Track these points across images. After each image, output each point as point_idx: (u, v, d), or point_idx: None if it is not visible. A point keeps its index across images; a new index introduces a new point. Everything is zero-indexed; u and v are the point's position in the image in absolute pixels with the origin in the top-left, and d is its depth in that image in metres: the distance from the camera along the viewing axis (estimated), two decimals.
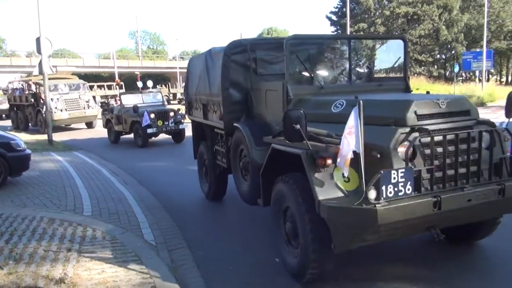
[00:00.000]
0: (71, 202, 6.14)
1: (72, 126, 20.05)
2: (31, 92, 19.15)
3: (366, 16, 47.29)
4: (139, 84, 17.42)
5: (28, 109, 19.34)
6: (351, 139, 2.84)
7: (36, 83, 18.51)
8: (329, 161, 3.12)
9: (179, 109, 14.07)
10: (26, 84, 20.10)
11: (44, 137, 14.57)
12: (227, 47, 4.95)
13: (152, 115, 12.52)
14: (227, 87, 4.91)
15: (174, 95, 42.80)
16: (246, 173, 4.75)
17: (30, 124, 19.61)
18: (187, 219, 5.55)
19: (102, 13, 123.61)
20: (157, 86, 38.03)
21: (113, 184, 7.46)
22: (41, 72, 13.02)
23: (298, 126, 3.09)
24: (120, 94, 14.96)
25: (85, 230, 4.79)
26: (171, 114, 13.09)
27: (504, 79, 63.34)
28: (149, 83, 18.62)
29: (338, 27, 49.11)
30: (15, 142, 7.36)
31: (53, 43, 13.15)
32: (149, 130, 12.45)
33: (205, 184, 6.55)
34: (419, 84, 39.33)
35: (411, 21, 47.17)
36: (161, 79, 55.22)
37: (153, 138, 13.27)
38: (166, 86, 44.97)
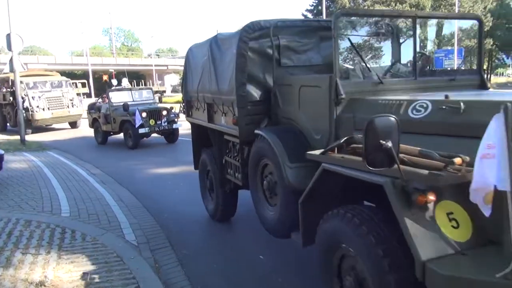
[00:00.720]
0: (48, 203, 5.98)
1: (54, 126, 18.91)
2: (9, 90, 17.73)
3: None
4: (114, 82, 16.87)
5: (6, 109, 18.16)
6: (490, 164, 1.82)
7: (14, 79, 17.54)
8: (432, 198, 2.08)
9: (172, 108, 13.15)
10: (3, 82, 18.73)
11: (17, 137, 14.10)
12: (243, 31, 3.83)
13: (144, 114, 11.66)
14: (244, 83, 3.81)
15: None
16: (271, 195, 3.67)
17: (8, 124, 18.45)
18: (169, 218, 5.50)
19: (74, 10, 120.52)
20: (133, 84, 37.30)
21: (90, 184, 7.31)
22: (12, 70, 12.61)
23: (389, 144, 2.01)
24: (108, 91, 13.76)
25: (63, 232, 4.68)
26: (164, 112, 12.22)
27: None
28: (124, 81, 17.86)
29: None
30: None
31: (24, 39, 12.76)
32: (141, 130, 11.56)
33: (210, 202, 5.38)
34: None
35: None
36: (136, 76, 54.36)
37: (144, 138, 12.53)
38: (140, 84, 44.19)
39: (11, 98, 17.11)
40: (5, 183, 7.29)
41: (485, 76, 3.82)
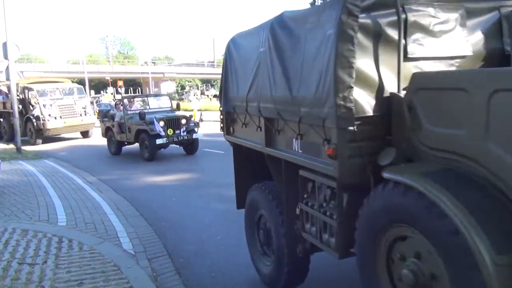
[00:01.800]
0: (44, 212, 5.97)
1: (63, 135, 17.74)
2: (18, 97, 16.30)
3: None
4: (110, 89, 16.98)
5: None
6: None
7: (25, 88, 16.41)
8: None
9: (191, 116, 12.27)
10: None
11: (25, 147, 13.98)
12: None
13: (162, 123, 10.76)
14: (349, 86, 2.30)
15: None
16: None
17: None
18: (166, 227, 5.50)
19: (71, 18, 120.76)
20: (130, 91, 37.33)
21: (87, 192, 7.30)
22: (8, 78, 12.64)
23: None
24: (123, 98, 13.08)
25: (60, 241, 4.67)
26: (183, 121, 11.27)
27: None
28: (109, 90, 17.72)
29: None
30: None
31: (20, 48, 12.79)
32: (158, 141, 10.66)
33: (265, 264, 3.76)
34: None
35: None
36: (133, 84, 54.45)
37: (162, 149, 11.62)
38: (137, 92, 44.02)
39: (20, 106, 16.03)
40: (1, 192, 7.26)
41: None
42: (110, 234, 5.02)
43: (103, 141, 13.33)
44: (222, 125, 4.31)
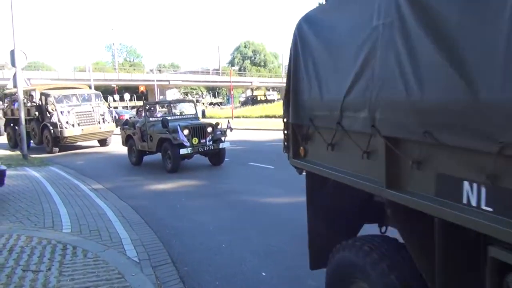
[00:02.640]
0: (49, 219, 5.97)
1: (80, 143, 17.12)
2: (34, 104, 16.09)
3: None
4: (116, 97, 17.02)
5: (30, 124, 16.04)
6: None
7: (42, 94, 15.69)
8: None
9: (217, 123, 10.96)
10: (28, 95, 16.56)
11: (42, 154, 14.09)
12: None
13: (186, 131, 9.79)
14: None
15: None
16: None
17: (31, 141, 16.43)
18: (171, 235, 5.47)
19: (77, 26, 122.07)
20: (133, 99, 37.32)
21: (92, 199, 7.30)
22: (15, 85, 12.75)
23: None
24: (145, 104, 12.06)
25: (64, 248, 4.65)
26: (209, 129, 10.25)
27: None
28: (126, 96, 17.70)
29: None
30: None
31: (27, 55, 12.91)
32: (182, 151, 9.66)
33: None
34: None
35: None
36: (138, 91, 54.73)
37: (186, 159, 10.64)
38: (143, 100, 43.87)
39: (36, 113, 15.72)
40: (6, 199, 7.28)
41: None
42: (114, 241, 5.00)
43: (121, 150, 12.94)
44: (285, 143, 3.16)
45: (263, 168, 10.04)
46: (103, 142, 16.85)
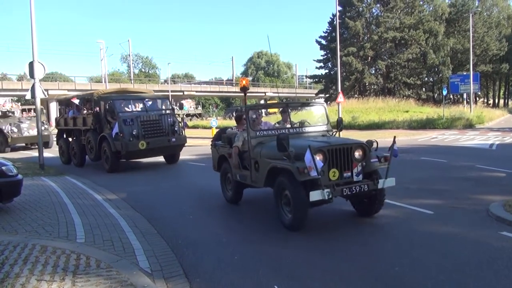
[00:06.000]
0: (64, 228, 6.03)
1: (142, 160, 14.53)
2: (91, 111, 13.66)
3: (355, 40, 48.34)
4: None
5: (85, 136, 13.67)
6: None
7: (101, 99, 13.10)
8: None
9: (371, 142, 6.03)
10: (85, 101, 14.32)
11: (36, 159, 14.10)
12: None
13: (320, 156, 5.52)
14: None
15: None
16: None
17: (86, 156, 14.08)
18: (183, 245, 5.46)
19: (94, 37, 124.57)
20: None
21: (106, 209, 7.36)
22: (33, 96, 13.00)
23: None
24: (247, 107, 7.06)
25: (78, 258, 4.68)
26: (357, 153, 5.78)
27: (491, 101, 64.72)
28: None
29: (327, 51, 50.02)
30: (7, 167, 7.24)
31: (45, 67, 13.17)
32: (315, 195, 5.31)
33: None
34: (408, 107, 40.17)
35: (399, 45, 48.31)
36: None
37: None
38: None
39: (93, 123, 13.15)
40: (23, 208, 7.39)
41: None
42: (127, 251, 5.01)
43: (194, 171, 10.68)
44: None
45: None
46: (171, 158, 13.71)
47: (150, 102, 13.63)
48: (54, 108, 44.46)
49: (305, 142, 5.79)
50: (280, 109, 7.81)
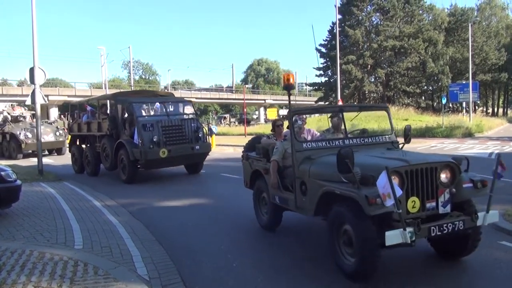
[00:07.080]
0: (62, 234, 6.00)
1: (163, 169, 13.18)
2: (107, 115, 12.70)
3: (355, 48, 48.52)
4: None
5: (100, 143, 12.52)
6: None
7: (117, 101, 12.21)
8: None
9: (461, 159, 4.52)
10: (102, 106, 13.43)
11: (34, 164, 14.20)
12: None
13: (397, 180, 3.91)
14: None
15: None
16: None
17: (101, 165, 12.92)
18: (182, 253, 5.44)
19: (95, 43, 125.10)
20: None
21: (104, 215, 7.33)
22: (33, 102, 13.00)
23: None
24: (292, 112, 5.39)
25: (76, 265, 4.65)
26: (444, 176, 4.24)
27: (490, 110, 64.90)
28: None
29: (327, 59, 50.22)
30: (6, 173, 7.23)
31: (46, 73, 13.19)
32: (392, 237, 3.76)
33: None
34: (408, 115, 40.23)
35: (399, 54, 48.49)
36: None
37: None
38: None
39: (109, 127, 11.91)
40: (21, 214, 7.37)
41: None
42: (125, 258, 4.99)
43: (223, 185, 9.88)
44: None
45: None
46: (193, 168, 12.50)
47: (172, 106, 12.26)
48: (54, 113, 44.56)
49: (372, 160, 4.40)
50: (332, 115, 6.28)
